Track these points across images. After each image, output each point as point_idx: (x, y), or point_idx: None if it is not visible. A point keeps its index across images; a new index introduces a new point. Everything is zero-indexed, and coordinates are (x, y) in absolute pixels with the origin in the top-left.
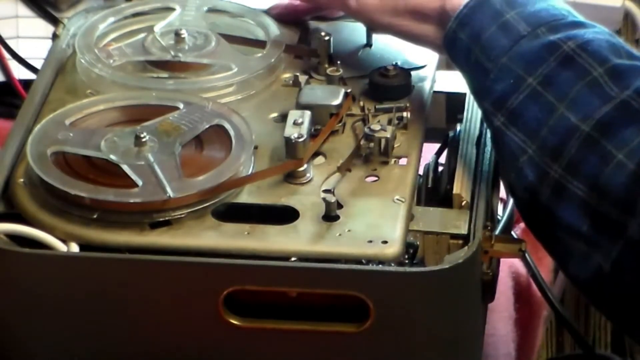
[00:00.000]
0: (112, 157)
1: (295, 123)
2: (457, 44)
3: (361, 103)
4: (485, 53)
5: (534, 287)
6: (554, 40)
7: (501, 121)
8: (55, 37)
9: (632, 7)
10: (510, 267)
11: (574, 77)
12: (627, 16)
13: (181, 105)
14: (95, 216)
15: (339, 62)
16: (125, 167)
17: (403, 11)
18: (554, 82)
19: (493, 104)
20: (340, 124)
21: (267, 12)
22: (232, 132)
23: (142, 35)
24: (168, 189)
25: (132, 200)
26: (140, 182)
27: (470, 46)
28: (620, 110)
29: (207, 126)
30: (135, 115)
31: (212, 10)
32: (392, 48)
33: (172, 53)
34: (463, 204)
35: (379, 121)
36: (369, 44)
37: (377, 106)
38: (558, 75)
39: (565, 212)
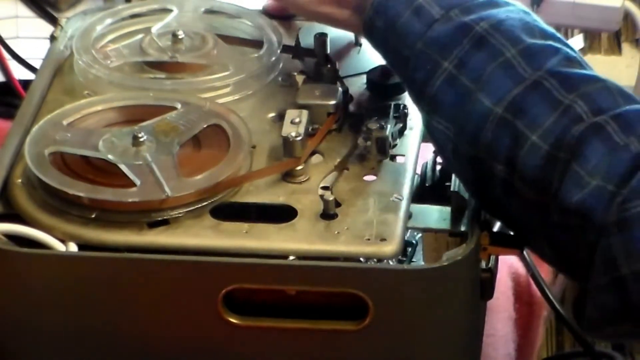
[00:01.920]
0: (110, 157)
1: (292, 122)
2: (374, 33)
3: (359, 102)
4: (402, 40)
5: (534, 287)
6: (467, 22)
7: (425, 110)
8: (52, 38)
9: (632, 7)
10: (510, 267)
11: (487, 59)
12: (627, 16)
13: (179, 105)
14: (93, 216)
15: (335, 61)
16: (123, 167)
17: None
18: (468, 65)
19: (416, 94)
20: (337, 123)
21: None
22: (229, 132)
23: (139, 36)
24: (166, 188)
25: (130, 200)
26: (138, 182)
27: (387, 34)
28: (532, 90)
29: (204, 126)
30: (132, 116)
31: (209, 11)
32: None
33: (170, 54)
34: (461, 201)
35: (376, 119)
36: (358, 44)
37: (374, 105)
38: (471, 57)
39: (495, 193)
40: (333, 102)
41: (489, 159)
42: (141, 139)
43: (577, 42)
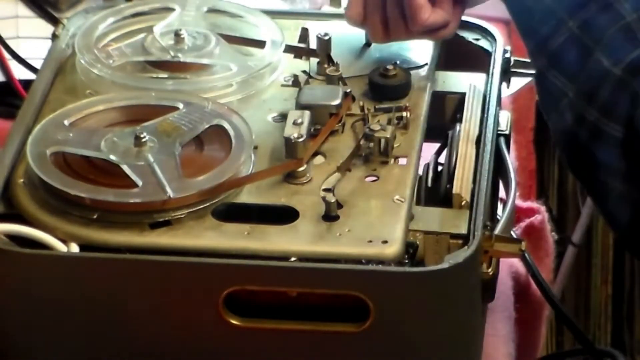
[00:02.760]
0: (112, 157)
1: (295, 123)
2: None
3: (361, 103)
4: None
5: (534, 287)
6: None
7: (543, 63)
8: (54, 37)
9: None
10: (510, 267)
11: (610, 22)
12: None
13: (181, 106)
14: (95, 216)
15: (338, 62)
16: (125, 167)
17: None
18: (591, 27)
19: (537, 45)
20: (339, 124)
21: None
22: (232, 132)
23: (141, 35)
24: (168, 189)
25: (132, 201)
26: (140, 182)
27: None
28: None
29: (206, 126)
30: (135, 116)
31: (211, 10)
32: (391, 47)
33: (172, 53)
34: (463, 203)
35: (378, 121)
36: (368, 44)
37: (376, 106)
38: (595, 19)
39: (603, 153)
40: (335, 103)
41: (604, 118)
42: (143, 139)
43: None
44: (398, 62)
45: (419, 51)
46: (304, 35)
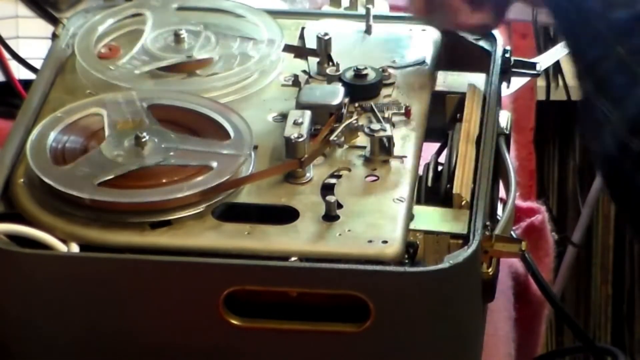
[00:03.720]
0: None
1: (295, 123)
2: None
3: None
4: (580, 14)
5: (534, 287)
6: None
7: (589, 88)
8: (54, 37)
9: None
10: (510, 267)
11: None
12: None
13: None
14: (95, 216)
15: (337, 61)
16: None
17: None
18: None
19: (584, 69)
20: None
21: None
22: (232, 132)
23: (142, 39)
24: (168, 189)
25: (132, 201)
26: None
27: (569, 6)
28: None
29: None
30: None
31: (182, 8)
32: (390, 46)
33: (184, 55)
34: (463, 203)
35: (369, 119)
36: (368, 32)
37: (374, 104)
38: None
39: None
40: (335, 102)
41: None
42: (143, 139)
43: None
44: (396, 60)
45: (418, 49)
46: (304, 35)
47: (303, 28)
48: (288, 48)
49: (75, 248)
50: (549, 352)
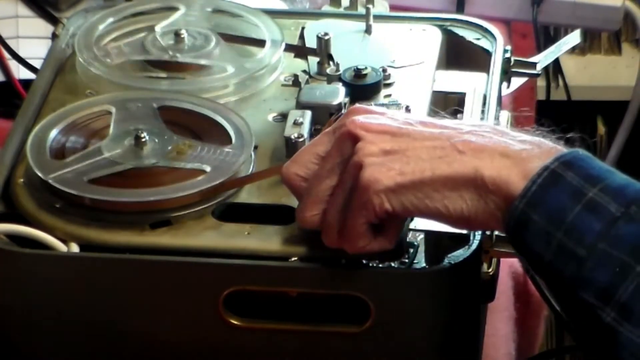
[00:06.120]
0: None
1: (295, 123)
2: (530, 227)
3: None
4: (574, 237)
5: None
6: None
7: (612, 317)
8: (54, 37)
9: (632, 7)
10: (510, 267)
11: None
12: (627, 16)
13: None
14: (95, 216)
15: (337, 61)
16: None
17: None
18: None
19: (598, 297)
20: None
21: None
22: (232, 132)
23: (142, 34)
24: (168, 189)
25: (132, 200)
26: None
27: (549, 229)
28: None
29: None
30: None
31: (216, 10)
32: (389, 45)
33: (170, 53)
34: None
35: None
36: (368, 32)
37: (374, 103)
38: None
39: None
40: (335, 102)
41: None
42: (143, 139)
43: (574, 37)
44: (395, 60)
45: (417, 49)
46: (304, 35)
47: (303, 28)
48: (288, 48)
49: (75, 248)
50: (548, 350)
